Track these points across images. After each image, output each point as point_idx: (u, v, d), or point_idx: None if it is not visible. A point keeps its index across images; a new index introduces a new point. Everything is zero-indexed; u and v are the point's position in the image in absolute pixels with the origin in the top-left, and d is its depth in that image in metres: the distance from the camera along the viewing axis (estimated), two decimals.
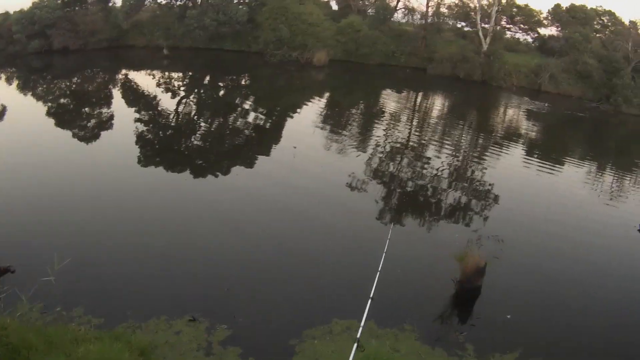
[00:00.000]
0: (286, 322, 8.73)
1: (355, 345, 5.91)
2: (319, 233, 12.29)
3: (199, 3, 37.87)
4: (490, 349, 8.93)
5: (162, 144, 17.41)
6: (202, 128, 20.53)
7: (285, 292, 9.60)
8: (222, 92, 29.64)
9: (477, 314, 10.03)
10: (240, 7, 38.27)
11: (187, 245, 10.94)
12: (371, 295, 6.80)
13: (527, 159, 24.14)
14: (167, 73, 31.43)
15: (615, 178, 24.42)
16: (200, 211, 12.77)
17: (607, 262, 13.71)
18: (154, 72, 31.32)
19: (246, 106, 25.78)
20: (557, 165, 24.56)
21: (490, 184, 18.67)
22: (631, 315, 11.22)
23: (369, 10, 50.39)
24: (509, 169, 21.71)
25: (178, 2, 38.43)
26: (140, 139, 17.13)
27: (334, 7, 53.81)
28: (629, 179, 25.01)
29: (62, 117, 20.77)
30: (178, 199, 12.90)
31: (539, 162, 24.30)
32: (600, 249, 14.52)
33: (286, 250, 11.19)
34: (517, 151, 25.44)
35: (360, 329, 6.16)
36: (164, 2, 38.25)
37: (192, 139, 18.48)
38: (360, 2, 52.20)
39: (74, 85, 26.91)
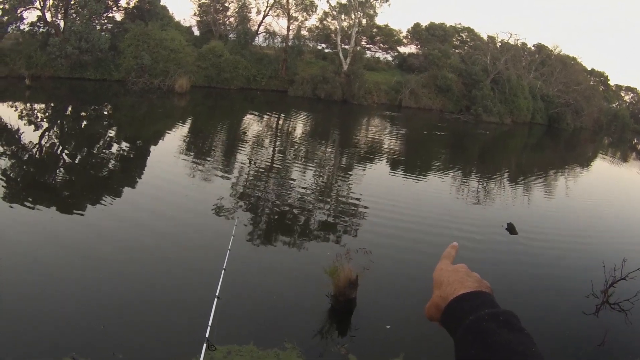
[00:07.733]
0: (167, 356, 8.48)
1: (205, 345, 6.02)
2: (185, 261, 12.22)
3: (61, 30, 37.70)
4: (374, 358, 9.19)
5: (26, 180, 17.22)
6: (67, 161, 20.69)
7: (161, 324, 9.37)
8: (84, 123, 29.84)
9: (355, 326, 10.24)
10: (103, 34, 38.58)
11: (56, 283, 10.34)
12: (217, 293, 6.89)
13: (393, 171, 25.00)
14: (29, 104, 31.17)
15: (480, 182, 25.41)
16: (66, 248, 12.13)
17: (478, 261, 14.07)
18: (16, 103, 30.90)
19: (109, 137, 26.41)
20: (422, 175, 25.49)
21: (357, 199, 19.31)
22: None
23: (231, 35, 50.37)
24: (375, 182, 22.22)
25: (41, 30, 38.00)
26: (3, 174, 16.82)
27: (196, 32, 53.48)
28: (493, 182, 26.10)
29: None
30: (44, 236, 12.60)
31: (404, 173, 25.11)
32: (470, 251, 14.95)
33: (155, 282, 11.01)
34: (381, 164, 26.19)
35: (208, 328, 6.27)
36: (26, 29, 37.64)
37: (57, 173, 18.70)
38: (222, 27, 52.29)
39: None
